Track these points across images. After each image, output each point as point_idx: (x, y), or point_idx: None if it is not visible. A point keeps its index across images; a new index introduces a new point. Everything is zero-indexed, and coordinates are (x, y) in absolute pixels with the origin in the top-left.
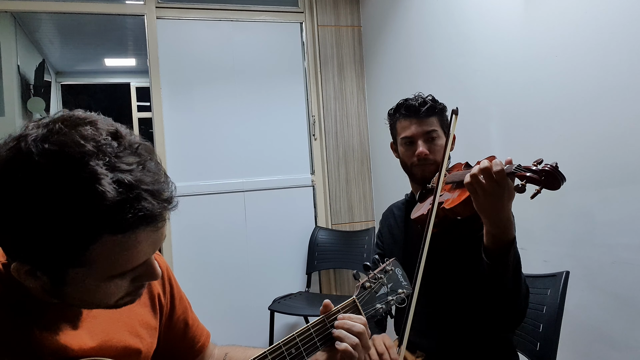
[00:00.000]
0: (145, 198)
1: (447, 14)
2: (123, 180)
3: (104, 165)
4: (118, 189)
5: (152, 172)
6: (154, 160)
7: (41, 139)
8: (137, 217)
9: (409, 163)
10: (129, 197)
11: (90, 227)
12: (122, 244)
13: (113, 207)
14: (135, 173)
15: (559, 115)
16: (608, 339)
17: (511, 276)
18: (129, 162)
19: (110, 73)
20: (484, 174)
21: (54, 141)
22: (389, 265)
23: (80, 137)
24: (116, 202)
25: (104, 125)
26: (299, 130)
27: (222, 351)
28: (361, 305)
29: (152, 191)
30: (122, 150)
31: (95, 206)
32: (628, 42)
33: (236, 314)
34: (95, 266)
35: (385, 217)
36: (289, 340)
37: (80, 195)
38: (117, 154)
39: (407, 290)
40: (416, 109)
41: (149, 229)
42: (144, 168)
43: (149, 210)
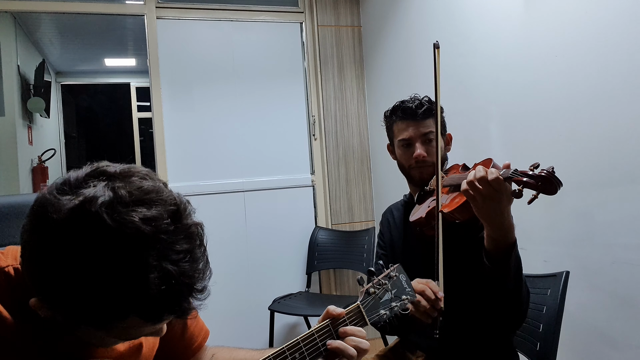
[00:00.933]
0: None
1: (447, 14)
2: (169, 275)
3: (156, 256)
4: (161, 285)
5: (197, 262)
6: (202, 244)
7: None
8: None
9: (406, 165)
10: (169, 293)
11: (123, 308)
12: (145, 325)
13: (151, 300)
14: (182, 264)
15: (559, 115)
16: (608, 339)
17: (512, 279)
18: (179, 250)
19: (110, 73)
20: (480, 182)
21: (115, 217)
22: (393, 272)
23: (142, 219)
24: (154, 295)
25: (167, 203)
26: (299, 130)
27: (209, 352)
28: (365, 311)
29: (191, 286)
30: (177, 234)
31: (135, 293)
32: (628, 42)
33: (236, 314)
34: (111, 332)
35: (384, 218)
36: (293, 345)
37: (126, 280)
38: (171, 240)
39: (411, 296)
40: (413, 111)
41: (173, 316)
42: (191, 257)
43: (182, 309)
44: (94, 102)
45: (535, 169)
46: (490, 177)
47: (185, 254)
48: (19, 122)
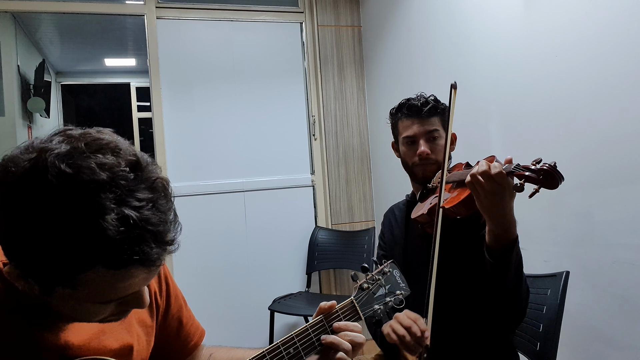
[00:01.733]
0: (146, 240)
1: (447, 14)
2: (128, 218)
3: (113, 199)
4: (120, 227)
5: (161, 212)
6: (167, 198)
7: (61, 157)
8: (133, 258)
9: (410, 163)
10: (130, 237)
11: (85, 257)
12: (114, 277)
13: (111, 244)
14: (143, 211)
15: (558, 115)
16: (608, 339)
17: (513, 275)
18: (140, 197)
19: (110, 73)
20: (483, 176)
21: (71, 163)
22: (387, 267)
23: (98, 164)
24: (116, 239)
25: (126, 153)
26: (299, 130)
27: (207, 352)
28: (359, 306)
29: (155, 233)
30: (137, 183)
31: (94, 239)
32: (628, 42)
33: (236, 314)
34: (83, 290)
35: (386, 217)
36: (287, 340)
37: (82, 225)
38: (130, 187)
39: (404, 291)
40: (418, 108)
41: (143, 268)
42: (153, 206)
43: (146, 254)
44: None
45: (537, 164)
46: (493, 170)
47: (147, 202)
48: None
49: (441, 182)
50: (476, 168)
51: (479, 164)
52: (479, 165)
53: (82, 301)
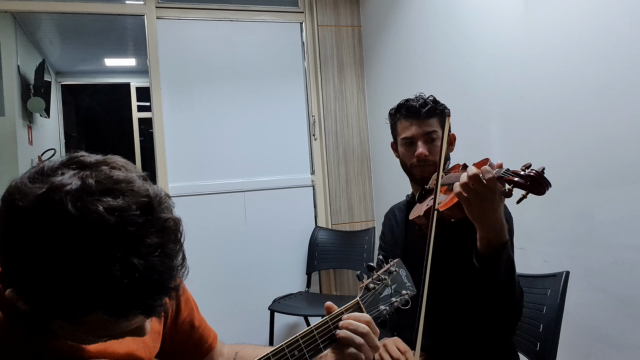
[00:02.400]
0: (150, 291)
1: (447, 14)
2: (133, 268)
3: (120, 247)
4: (124, 278)
5: (169, 259)
6: (177, 241)
7: (71, 197)
8: (136, 306)
9: (408, 164)
10: (134, 287)
11: (87, 301)
12: (114, 322)
13: (114, 293)
14: (150, 259)
15: (558, 115)
16: (608, 339)
17: (504, 278)
18: (149, 244)
19: (110, 73)
20: (474, 180)
21: (79, 207)
22: (393, 267)
23: (107, 209)
24: (117, 287)
25: (138, 194)
26: (299, 130)
27: (232, 350)
28: (365, 306)
29: (159, 282)
30: (147, 227)
31: (97, 286)
32: (628, 42)
33: (236, 314)
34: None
35: (386, 218)
36: (292, 342)
37: (86, 271)
38: (139, 235)
39: (410, 291)
40: (417, 109)
41: (144, 317)
42: (162, 252)
43: (148, 306)
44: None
45: (526, 169)
46: (486, 175)
47: (155, 248)
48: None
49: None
50: (464, 175)
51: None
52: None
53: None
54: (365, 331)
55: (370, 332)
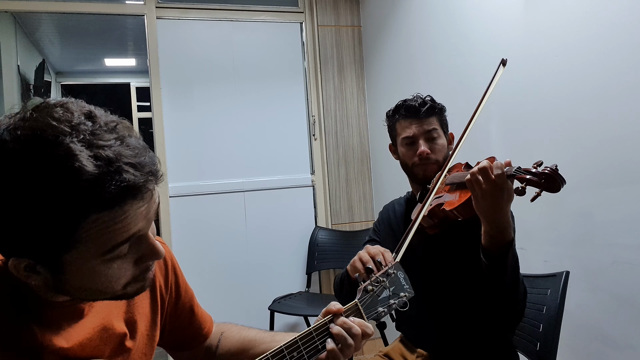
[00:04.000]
0: (127, 170)
1: (447, 14)
2: (101, 155)
3: (80, 143)
4: (96, 163)
5: (133, 147)
6: (134, 136)
7: (14, 127)
8: (120, 190)
9: (410, 163)
10: (109, 171)
11: (74, 207)
12: (110, 219)
13: (93, 183)
14: (114, 148)
15: (558, 115)
16: (608, 339)
17: (509, 277)
18: (107, 138)
19: (110, 73)
20: (483, 175)
21: (26, 127)
22: (391, 269)
23: (53, 119)
24: (96, 176)
25: (77, 107)
26: (299, 130)
27: (218, 329)
28: (363, 308)
29: (133, 164)
30: (98, 128)
31: (74, 184)
32: (628, 42)
33: (236, 314)
34: (88, 245)
35: (385, 210)
36: (291, 344)
37: (58, 175)
38: (93, 132)
39: (409, 293)
40: (416, 109)
41: (135, 201)
42: (122, 143)
43: (131, 182)
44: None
45: (538, 167)
46: (495, 171)
47: (115, 140)
48: None
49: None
50: (476, 168)
51: (480, 163)
52: (480, 164)
53: (93, 262)
54: (357, 333)
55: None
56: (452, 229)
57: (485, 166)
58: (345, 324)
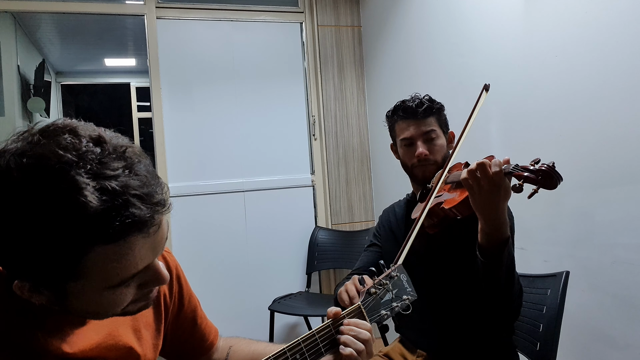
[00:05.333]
0: (134, 204)
1: (447, 14)
2: (107, 187)
3: (86, 174)
4: (102, 198)
5: (141, 175)
6: (143, 162)
7: (19, 153)
8: (125, 225)
9: (409, 164)
10: (115, 205)
11: (78, 240)
12: (116, 253)
13: (99, 217)
14: (121, 178)
15: (558, 115)
16: (608, 339)
17: (504, 275)
18: (114, 167)
19: (110, 73)
20: (480, 171)
21: (31, 154)
22: (394, 271)
23: (59, 147)
24: (101, 211)
25: (85, 131)
26: (299, 130)
27: (226, 344)
28: (366, 311)
29: (140, 195)
30: (106, 155)
31: (79, 218)
32: (628, 42)
33: (236, 314)
34: (93, 277)
35: (386, 213)
36: (294, 346)
37: (63, 208)
38: (100, 160)
39: (411, 296)
40: (413, 110)
41: (141, 235)
42: (130, 172)
43: (137, 217)
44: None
45: (535, 164)
46: (493, 168)
47: (122, 170)
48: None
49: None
50: (474, 164)
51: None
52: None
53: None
54: (366, 338)
55: (370, 340)
56: (452, 228)
57: (483, 162)
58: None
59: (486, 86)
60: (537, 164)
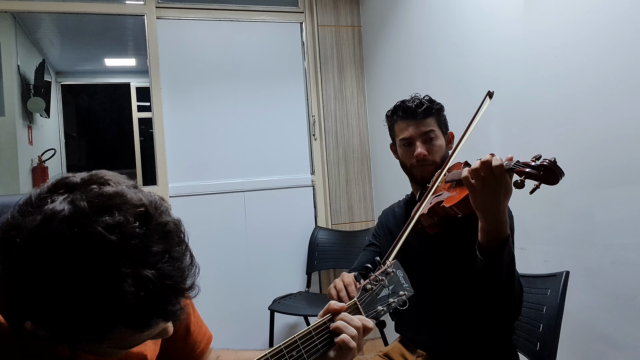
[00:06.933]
0: (167, 297)
1: (447, 14)
2: (145, 280)
3: (127, 262)
4: (139, 292)
5: (178, 261)
6: (181, 241)
7: (66, 223)
8: (154, 315)
9: (408, 164)
10: (150, 297)
11: (109, 320)
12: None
13: (132, 308)
14: (160, 266)
15: (558, 115)
16: (608, 339)
17: (504, 274)
18: (155, 251)
19: (110, 73)
20: (483, 166)
21: (77, 232)
22: (390, 267)
23: (105, 227)
24: (136, 302)
25: (133, 205)
26: (299, 130)
27: (214, 355)
28: (362, 307)
29: (174, 286)
30: (149, 236)
31: (114, 304)
32: (628, 42)
33: (236, 314)
34: (108, 344)
35: (385, 215)
36: (290, 343)
37: (100, 294)
38: (143, 245)
39: (408, 292)
40: (413, 110)
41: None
42: (169, 256)
43: (168, 309)
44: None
45: (537, 160)
46: (494, 163)
47: (162, 255)
48: (19, 122)
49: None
50: (477, 162)
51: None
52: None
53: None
54: (358, 325)
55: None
56: (453, 227)
57: (486, 158)
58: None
59: (490, 93)
60: (538, 160)
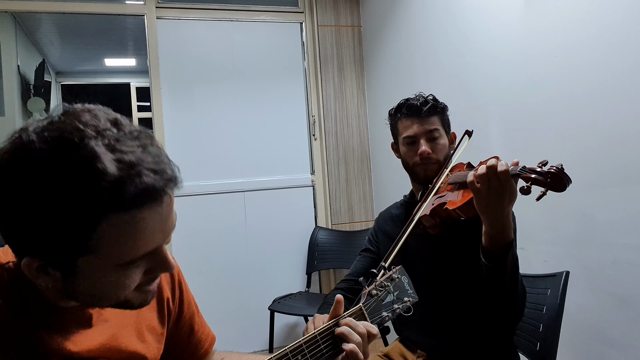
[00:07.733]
0: (148, 174)
1: (447, 14)
2: (124, 159)
3: (105, 146)
4: (119, 166)
5: (154, 154)
6: (155, 145)
7: (41, 129)
8: (139, 191)
9: (411, 163)
10: (130, 174)
11: (94, 206)
12: (129, 224)
13: (115, 183)
14: (137, 153)
15: (559, 115)
16: (608, 339)
17: (508, 278)
18: (130, 145)
19: (110, 73)
20: (489, 171)
21: (53, 129)
22: (396, 273)
23: (80, 122)
24: (118, 177)
25: (103, 114)
26: (299, 130)
27: (218, 357)
28: (367, 313)
29: (154, 169)
30: (123, 135)
31: (97, 184)
32: (628, 42)
33: (236, 314)
34: (105, 252)
35: (382, 218)
36: (296, 347)
37: (82, 175)
38: (117, 138)
39: (412, 298)
40: (418, 108)
41: (154, 205)
42: (144, 150)
43: (151, 184)
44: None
45: (543, 166)
46: (500, 168)
47: (137, 147)
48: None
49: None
50: (483, 166)
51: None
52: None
53: (106, 269)
54: (362, 331)
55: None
56: (454, 229)
57: (492, 163)
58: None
59: (468, 132)
60: (545, 166)
